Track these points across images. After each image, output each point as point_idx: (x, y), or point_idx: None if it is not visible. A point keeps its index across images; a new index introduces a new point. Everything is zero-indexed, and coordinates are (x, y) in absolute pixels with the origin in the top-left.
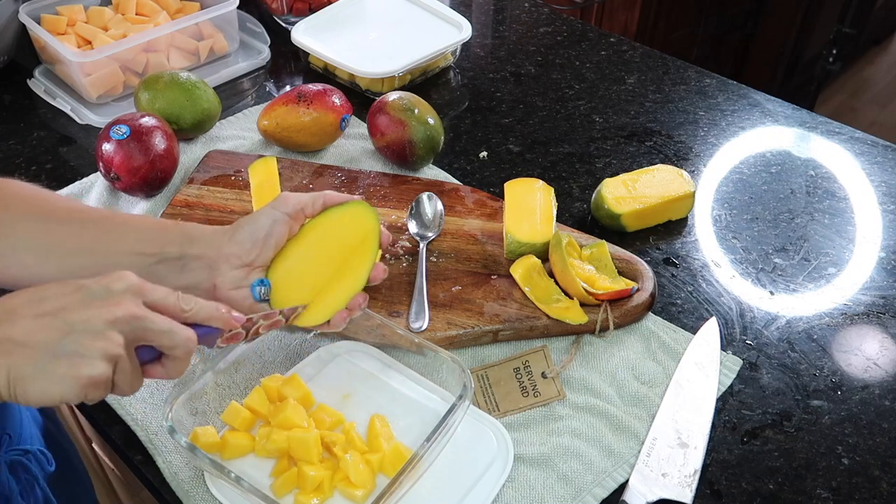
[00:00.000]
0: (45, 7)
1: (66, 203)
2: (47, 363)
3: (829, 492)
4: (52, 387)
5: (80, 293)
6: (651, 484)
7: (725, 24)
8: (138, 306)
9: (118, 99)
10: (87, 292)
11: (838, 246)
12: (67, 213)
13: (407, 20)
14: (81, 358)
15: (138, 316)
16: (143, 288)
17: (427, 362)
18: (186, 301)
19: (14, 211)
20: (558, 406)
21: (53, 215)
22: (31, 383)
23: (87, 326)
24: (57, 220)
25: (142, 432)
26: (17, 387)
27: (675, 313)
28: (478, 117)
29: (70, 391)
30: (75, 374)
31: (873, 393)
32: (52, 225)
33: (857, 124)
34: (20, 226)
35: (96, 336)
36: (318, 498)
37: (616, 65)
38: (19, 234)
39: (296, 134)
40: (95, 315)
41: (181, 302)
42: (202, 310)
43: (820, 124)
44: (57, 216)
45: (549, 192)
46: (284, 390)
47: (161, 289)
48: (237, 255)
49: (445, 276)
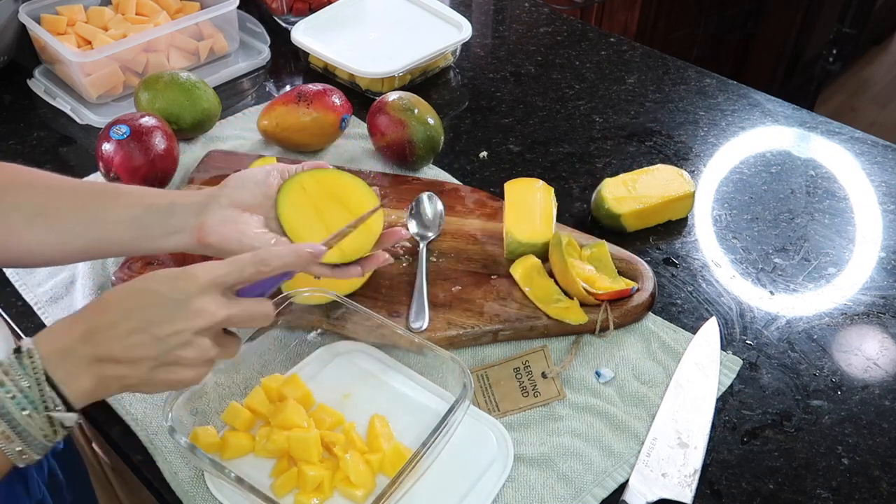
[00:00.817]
0: (45, 7)
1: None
2: (150, 374)
3: (829, 492)
4: (162, 388)
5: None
6: (651, 484)
7: (725, 24)
8: (218, 307)
9: (118, 99)
10: (169, 304)
11: (838, 246)
12: (61, 180)
13: (407, 20)
14: (179, 367)
15: (220, 321)
16: (217, 281)
17: (427, 362)
18: (265, 262)
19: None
20: (558, 406)
21: (44, 182)
22: (144, 389)
23: (176, 340)
24: (47, 186)
25: (142, 432)
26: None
27: (675, 313)
28: (478, 117)
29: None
30: (178, 379)
31: (873, 393)
32: (41, 190)
33: (857, 124)
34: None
35: (187, 347)
36: (318, 498)
37: (616, 65)
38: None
39: (296, 134)
40: (182, 328)
41: (260, 266)
42: (285, 262)
43: (820, 124)
44: (48, 183)
45: (549, 192)
46: (284, 390)
47: (236, 266)
48: (227, 195)
49: (445, 276)
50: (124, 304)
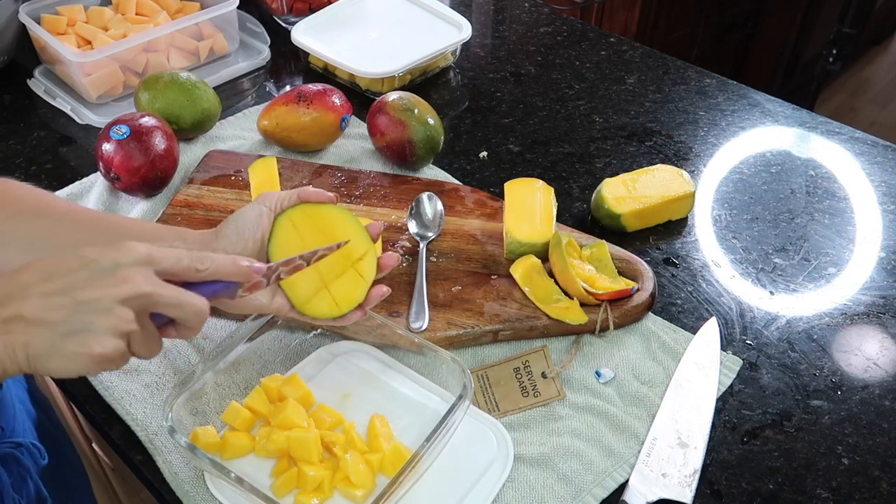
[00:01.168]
0: (45, 7)
1: (61, 203)
2: (60, 342)
3: (829, 492)
4: (67, 363)
5: (88, 269)
6: (651, 484)
7: (725, 24)
8: (148, 280)
9: (118, 99)
10: (95, 268)
11: (838, 246)
12: (60, 212)
13: (407, 20)
14: (92, 336)
15: (148, 293)
16: (153, 257)
17: (427, 362)
18: (202, 261)
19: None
20: (558, 406)
21: (45, 213)
22: (48, 360)
23: (96, 305)
24: (48, 217)
25: (142, 432)
26: (36, 363)
27: (675, 313)
28: (478, 117)
29: (85, 367)
30: (87, 352)
31: (873, 393)
32: (43, 221)
33: (857, 124)
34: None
35: (105, 314)
36: (318, 498)
37: (616, 65)
38: (10, 231)
39: (296, 134)
40: (104, 293)
41: (195, 263)
42: (220, 268)
43: (820, 124)
44: (49, 214)
45: (549, 192)
46: (284, 390)
47: (173, 253)
48: (224, 248)
49: (445, 276)
50: (46, 266)
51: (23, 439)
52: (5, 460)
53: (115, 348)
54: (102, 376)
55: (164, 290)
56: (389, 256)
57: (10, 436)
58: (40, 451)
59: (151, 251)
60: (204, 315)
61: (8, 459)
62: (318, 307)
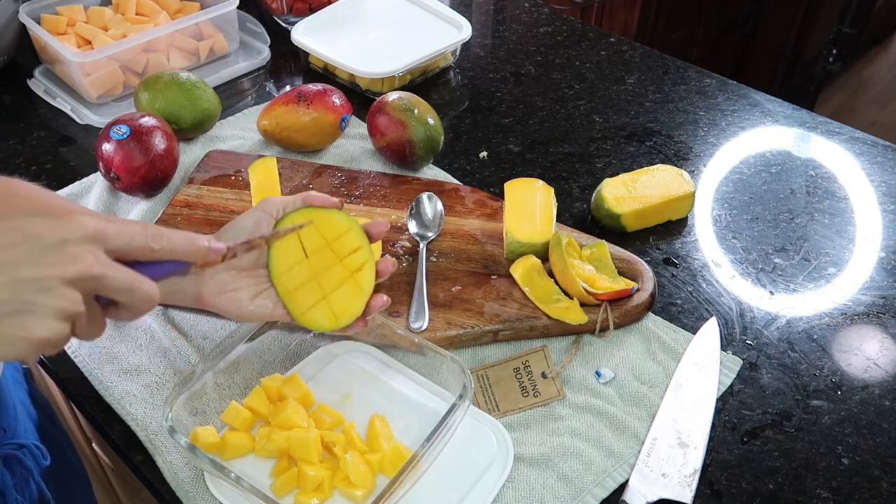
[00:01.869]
0: (45, 7)
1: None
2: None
3: (829, 492)
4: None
5: (30, 245)
6: (651, 484)
7: (725, 24)
8: (97, 260)
9: (118, 99)
10: (38, 244)
11: (838, 246)
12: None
13: (407, 20)
14: (33, 317)
15: (96, 275)
16: (104, 233)
17: (427, 362)
18: (156, 239)
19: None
20: (558, 406)
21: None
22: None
23: (39, 284)
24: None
25: (142, 432)
26: None
27: (675, 313)
28: (478, 117)
29: (23, 352)
30: (27, 336)
31: (873, 393)
32: None
33: (857, 124)
34: None
35: (49, 295)
36: (318, 498)
37: (616, 65)
38: None
39: (296, 134)
40: (49, 273)
41: (151, 241)
42: (176, 247)
43: (820, 124)
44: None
45: (549, 192)
46: (284, 390)
47: (126, 230)
48: None
49: (445, 276)
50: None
51: (25, 440)
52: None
53: (59, 332)
54: (103, 376)
55: (115, 272)
56: (386, 261)
57: (13, 437)
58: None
59: (102, 226)
60: (154, 301)
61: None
62: (316, 319)
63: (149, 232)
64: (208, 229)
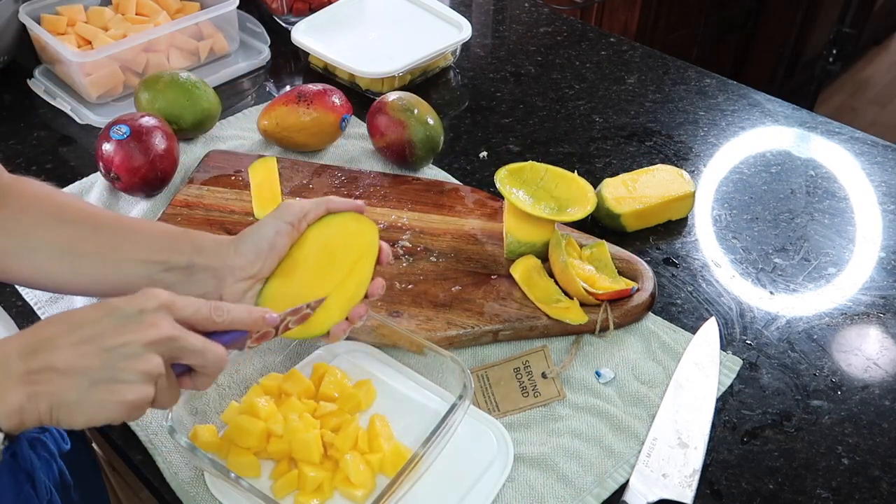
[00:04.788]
0: (45, 7)
1: (80, 205)
2: (90, 390)
3: (829, 492)
4: (97, 412)
5: (114, 317)
6: (651, 484)
7: (725, 24)
8: (173, 326)
9: (118, 99)
10: (120, 315)
11: (838, 246)
12: (81, 215)
13: (407, 20)
14: (123, 383)
15: (174, 337)
16: (175, 304)
17: (427, 362)
18: (218, 311)
19: (32, 213)
20: (558, 406)
21: (68, 217)
22: (76, 410)
23: (125, 351)
24: (71, 222)
25: (142, 432)
26: (62, 414)
27: (675, 313)
28: (478, 117)
29: (115, 414)
30: (119, 399)
31: (873, 393)
32: (67, 227)
33: (857, 124)
34: (37, 228)
35: (135, 360)
36: (318, 499)
37: (616, 65)
38: (36, 236)
39: (296, 134)
40: (132, 339)
41: (213, 314)
42: (237, 318)
43: (820, 124)
44: (71, 219)
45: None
46: (286, 386)
47: (192, 302)
48: (241, 266)
49: (445, 276)
50: (73, 317)
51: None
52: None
53: (146, 394)
54: None
55: (189, 335)
56: (377, 284)
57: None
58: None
59: (173, 298)
60: (223, 364)
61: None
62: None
63: (212, 304)
64: (208, 229)
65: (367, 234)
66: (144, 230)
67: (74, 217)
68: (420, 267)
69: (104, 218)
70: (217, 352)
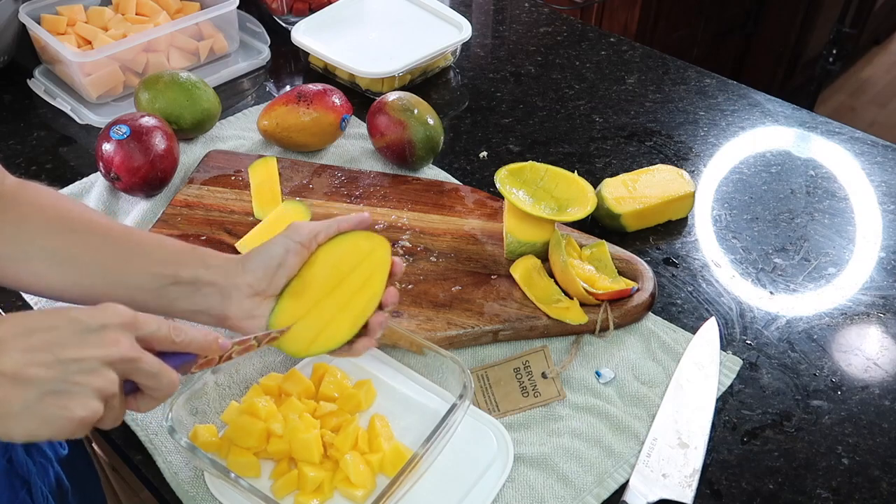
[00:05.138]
0: (45, 7)
1: (86, 214)
2: (37, 402)
3: (829, 492)
4: (40, 426)
5: (74, 327)
6: (651, 484)
7: (725, 24)
8: (133, 345)
9: (118, 99)
10: (81, 327)
11: (838, 246)
12: (87, 225)
13: (407, 20)
14: (74, 397)
15: (133, 358)
16: (136, 322)
17: (427, 362)
18: (178, 333)
19: (35, 220)
20: (558, 406)
21: (73, 226)
22: (17, 421)
23: (82, 366)
24: (76, 231)
25: (142, 432)
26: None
27: (675, 313)
28: (478, 117)
29: (59, 431)
30: (68, 415)
31: (873, 393)
32: (70, 236)
33: (857, 124)
34: (38, 235)
35: (91, 375)
36: (318, 499)
37: (616, 65)
38: (36, 243)
39: (296, 134)
40: (91, 354)
41: (172, 334)
42: (194, 341)
43: (820, 124)
44: (76, 227)
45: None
46: (286, 386)
47: (153, 321)
48: (249, 283)
49: (445, 276)
50: (28, 320)
51: None
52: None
53: (95, 412)
54: None
55: (147, 357)
56: (391, 293)
57: None
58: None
59: (136, 316)
60: (174, 388)
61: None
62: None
63: (171, 325)
64: (208, 229)
65: (378, 250)
66: (153, 243)
67: (80, 226)
68: (420, 267)
69: (111, 229)
70: (171, 376)
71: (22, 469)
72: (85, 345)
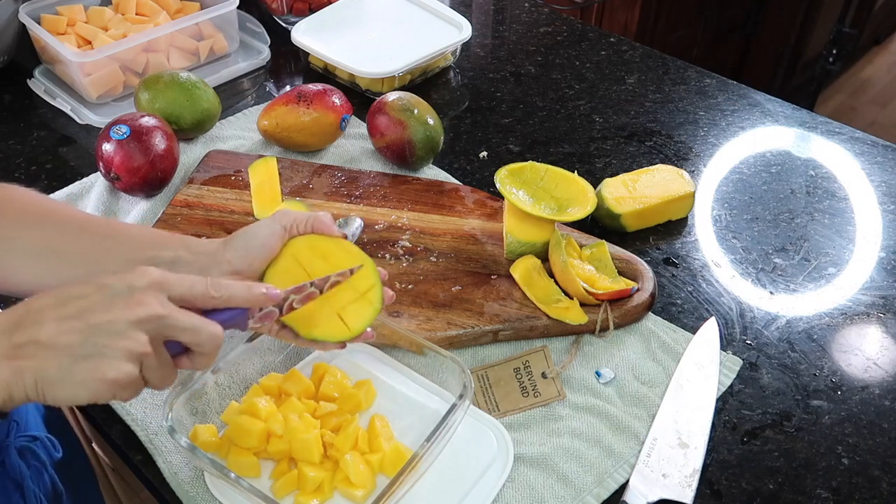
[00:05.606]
0: (45, 7)
1: (64, 209)
2: (72, 366)
3: (829, 492)
4: (78, 389)
5: (102, 293)
6: (651, 484)
7: (725, 24)
8: (162, 304)
9: (118, 99)
10: (109, 291)
11: (838, 246)
12: (65, 219)
13: (407, 20)
14: (104, 359)
15: (161, 315)
16: (167, 281)
17: (427, 362)
18: (216, 287)
19: (12, 217)
20: (558, 406)
21: (49, 220)
22: (59, 386)
23: (109, 328)
24: (53, 224)
25: (142, 432)
26: (46, 390)
27: (675, 313)
28: (478, 117)
29: (97, 393)
30: (99, 377)
31: (873, 393)
32: (48, 229)
33: (857, 124)
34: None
35: (119, 337)
36: (318, 499)
37: (616, 65)
38: (14, 237)
39: (296, 134)
40: (118, 316)
41: (210, 289)
42: (235, 294)
43: (820, 124)
44: (54, 221)
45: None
46: (286, 386)
47: (186, 279)
48: (229, 260)
49: (445, 276)
50: (62, 292)
51: (37, 433)
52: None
53: (128, 373)
54: None
55: (178, 313)
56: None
57: (25, 430)
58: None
59: (165, 275)
60: (219, 340)
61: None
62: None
63: (209, 280)
64: (208, 229)
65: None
66: (132, 232)
67: (58, 220)
68: (420, 267)
69: (90, 221)
70: (210, 329)
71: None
72: (112, 308)
